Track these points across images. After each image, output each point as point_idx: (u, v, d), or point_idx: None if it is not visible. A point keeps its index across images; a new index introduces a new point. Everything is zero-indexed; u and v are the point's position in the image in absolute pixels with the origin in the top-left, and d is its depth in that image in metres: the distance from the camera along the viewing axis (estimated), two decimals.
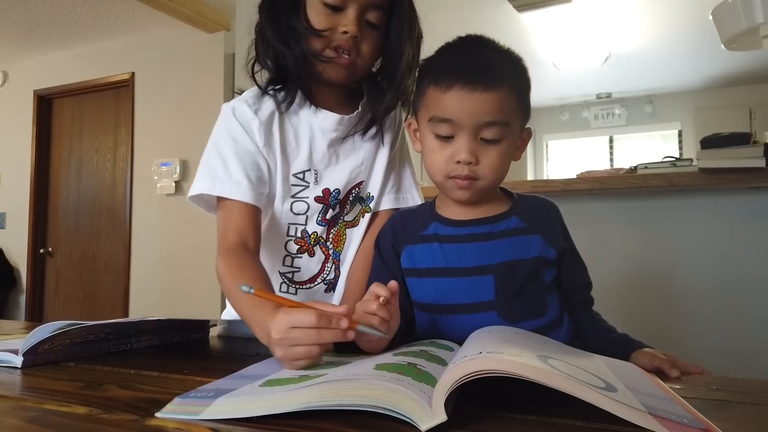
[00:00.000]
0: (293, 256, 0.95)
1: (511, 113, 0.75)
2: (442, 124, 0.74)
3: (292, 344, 0.58)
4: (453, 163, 0.75)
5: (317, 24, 0.83)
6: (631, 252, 2.09)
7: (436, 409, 0.41)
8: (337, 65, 0.86)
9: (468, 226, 0.80)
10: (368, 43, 0.86)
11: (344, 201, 0.96)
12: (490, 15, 3.94)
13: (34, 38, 3.94)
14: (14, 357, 0.66)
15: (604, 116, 6.58)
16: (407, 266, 0.82)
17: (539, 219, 0.80)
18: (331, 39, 0.84)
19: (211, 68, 3.57)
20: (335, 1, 0.82)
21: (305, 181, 0.93)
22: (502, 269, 0.76)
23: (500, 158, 0.75)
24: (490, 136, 0.74)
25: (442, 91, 0.74)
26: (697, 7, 3.78)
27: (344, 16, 0.83)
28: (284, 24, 0.86)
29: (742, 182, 1.82)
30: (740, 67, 5.31)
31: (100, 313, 3.95)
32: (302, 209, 0.93)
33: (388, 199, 1.00)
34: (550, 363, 0.46)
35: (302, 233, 0.94)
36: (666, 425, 0.39)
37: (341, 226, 0.97)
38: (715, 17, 2.06)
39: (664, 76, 5.61)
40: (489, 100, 0.72)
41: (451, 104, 0.73)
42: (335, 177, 0.94)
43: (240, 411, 0.44)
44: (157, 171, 3.70)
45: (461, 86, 0.72)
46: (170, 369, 0.64)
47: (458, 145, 0.74)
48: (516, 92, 0.75)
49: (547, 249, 0.78)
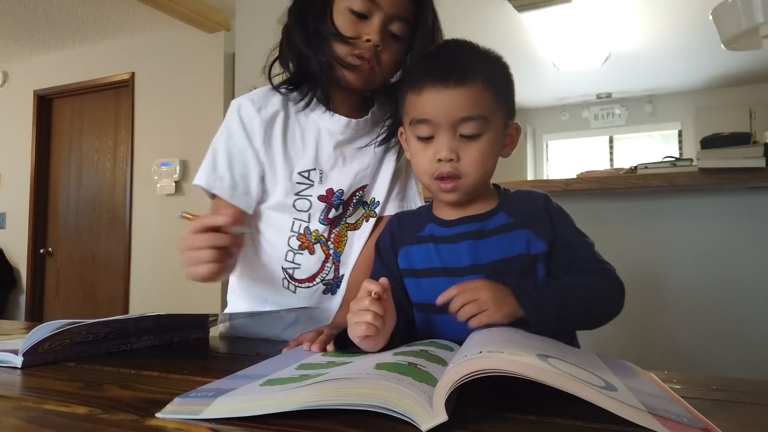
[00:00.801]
0: (295, 252, 0.96)
1: (488, 107, 0.75)
2: (421, 126, 0.76)
3: (190, 248, 0.73)
4: (435, 162, 0.75)
5: (343, 30, 0.86)
6: (631, 252, 2.09)
7: (436, 409, 0.41)
8: (356, 72, 0.88)
9: (459, 225, 0.80)
10: (389, 53, 0.88)
11: (347, 203, 0.97)
12: (490, 15, 3.94)
13: (34, 38, 3.94)
14: (14, 357, 0.66)
15: (604, 116, 6.58)
16: (404, 267, 0.82)
17: (526, 212, 0.79)
18: (354, 46, 0.86)
19: (211, 68, 3.57)
20: (362, 9, 0.84)
21: (310, 180, 0.95)
22: (492, 268, 0.76)
23: (482, 153, 0.75)
24: (468, 132, 0.74)
25: (417, 94, 0.75)
26: (697, 7, 3.78)
27: (369, 25, 0.85)
28: (312, 28, 0.89)
29: (742, 182, 1.82)
30: (740, 67, 5.31)
31: (100, 313, 3.93)
32: (305, 207, 0.95)
33: (393, 206, 1.02)
34: (550, 362, 0.46)
35: (305, 230, 0.96)
36: (666, 424, 0.39)
37: (343, 227, 0.98)
38: (715, 17, 2.06)
39: (664, 76, 5.61)
40: (462, 95, 0.73)
41: (426, 104, 0.74)
42: (340, 178, 0.96)
43: (240, 410, 0.44)
44: (157, 171, 3.71)
45: (432, 85, 0.73)
46: (170, 369, 0.64)
47: (438, 144, 0.75)
48: (491, 86, 0.75)
49: (536, 243, 0.76)
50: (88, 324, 0.68)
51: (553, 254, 0.76)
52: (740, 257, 1.96)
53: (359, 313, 0.62)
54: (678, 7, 3.92)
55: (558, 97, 6.46)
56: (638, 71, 5.43)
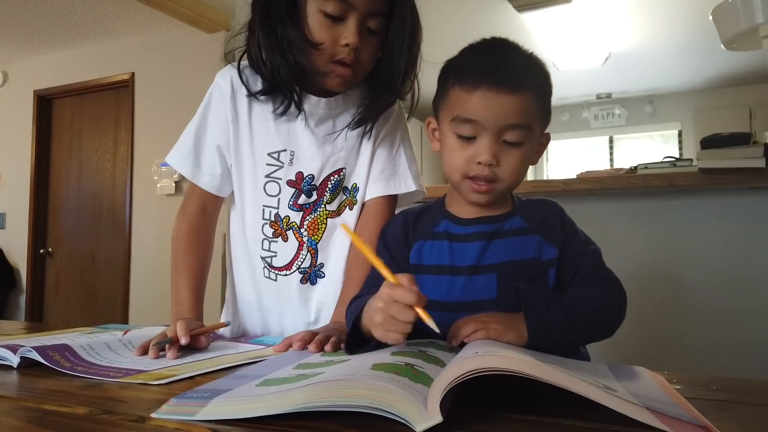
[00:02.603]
0: (270, 240, 0.95)
1: (534, 117, 0.75)
2: (465, 125, 0.75)
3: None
4: (473, 164, 0.75)
5: (317, 36, 0.81)
6: (630, 252, 2.09)
7: (431, 410, 0.41)
8: (335, 76, 0.85)
9: (477, 225, 0.80)
10: (368, 50, 0.85)
11: (322, 188, 0.94)
12: (490, 15, 3.94)
13: (34, 38, 3.94)
14: (11, 355, 0.66)
15: (604, 116, 6.58)
16: (413, 262, 0.82)
17: (540, 219, 0.81)
18: (331, 52, 0.82)
19: (211, 68, 3.54)
20: (336, 11, 0.80)
21: (280, 161, 0.92)
22: (505, 268, 0.77)
23: (520, 162, 0.76)
24: (512, 139, 0.74)
25: (468, 92, 0.74)
26: (696, 7, 3.78)
27: (345, 27, 0.81)
28: (281, 35, 0.83)
29: (742, 182, 1.82)
30: (740, 67, 5.31)
31: (100, 314, 3.95)
32: (275, 191, 0.93)
33: (377, 187, 0.96)
34: (547, 362, 0.46)
35: (275, 217, 0.94)
36: (665, 421, 0.39)
37: (321, 214, 0.94)
38: (715, 17, 2.06)
39: (664, 76, 5.61)
40: (514, 102, 0.72)
41: (477, 105, 0.73)
42: (310, 162, 0.93)
43: (235, 411, 0.43)
44: (157, 171, 3.71)
45: (488, 87, 0.72)
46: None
47: (480, 146, 0.74)
48: (540, 97, 0.76)
49: (547, 248, 0.78)
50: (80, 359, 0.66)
51: (562, 259, 0.78)
52: (740, 258, 1.96)
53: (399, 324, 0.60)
54: (678, 8, 3.92)
55: (558, 97, 6.44)
56: (638, 71, 5.43)
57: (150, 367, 0.64)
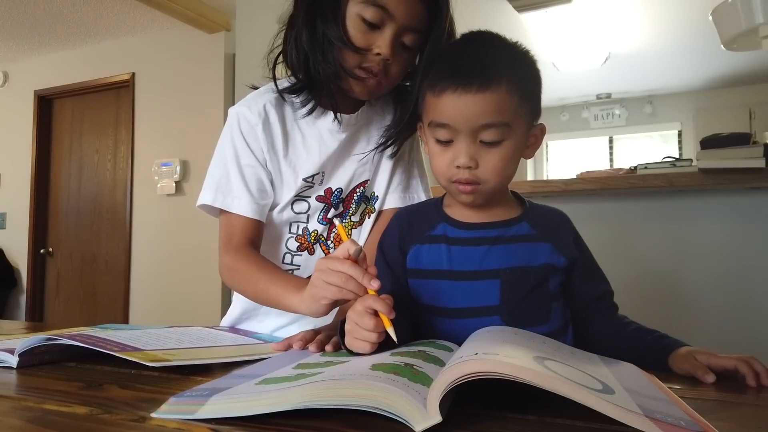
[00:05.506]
0: (293, 254, 0.95)
1: (512, 113, 0.72)
2: (440, 129, 0.73)
3: (327, 281, 0.66)
4: (453, 168, 0.73)
5: (353, 39, 0.81)
6: (630, 252, 2.09)
7: (430, 410, 0.41)
8: (362, 84, 0.84)
9: (478, 229, 0.78)
10: (398, 65, 0.84)
11: (348, 200, 0.95)
12: (490, 15, 3.94)
13: (34, 38, 3.94)
14: (9, 357, 0.66)
15: (604, 116, 6.58)
16: (412, 267, 0.80)
17: (550, 228, 0.79)
18: (363, 58, 0.82)
19: (211, 69, 3.57)
20: (374, 18, 0.79)
21: (312, 182, 0.93)
22: (509, 274, 0.75)
23: (502, 161, 0.73)
24: (489, 139, 0.71)
25: (436, 96, 0.72)
26: (697, 7, 3.78)
27: (380, 36, 0.80)
28: (320, 32, 0.83)
29: (742, 182, 1.82)
30: (740, 67, 5.31)
31: (101, 314, 3.95)
32: (303, 209, 0.94)
33: (393, 198, 0.99)
34: (547, 365, 0.46)
35: (303, 231, 0.95)
36: (663, 428, 0.39)
37: (346, 225, 0.96)
38: (715, 18, 2.07)
39: (664, 76, 5.61)
40: (484, 101, 0.69)
41: (446, 108, 0.71)
42: (339, 176, 0.94)
43: (234, 410, 0.43)
44: (157, 171, 3.71)
45: (454, 89, 0.70)
46: (170, 369, 0.64)
47: (457, 150, 0.72)
48: (517, 89, 0.71)
49: (556, 256, 0.77)
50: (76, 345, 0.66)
51: (573, 270, 0.79)
52: (740, 257, 1.96)
53: (362, 332, 0.61)
54: (678, 8, 3.92)
55: (558, 98, 6.45)
56: (638, 72, 5.43)
57: (146, 347, 0.64)
